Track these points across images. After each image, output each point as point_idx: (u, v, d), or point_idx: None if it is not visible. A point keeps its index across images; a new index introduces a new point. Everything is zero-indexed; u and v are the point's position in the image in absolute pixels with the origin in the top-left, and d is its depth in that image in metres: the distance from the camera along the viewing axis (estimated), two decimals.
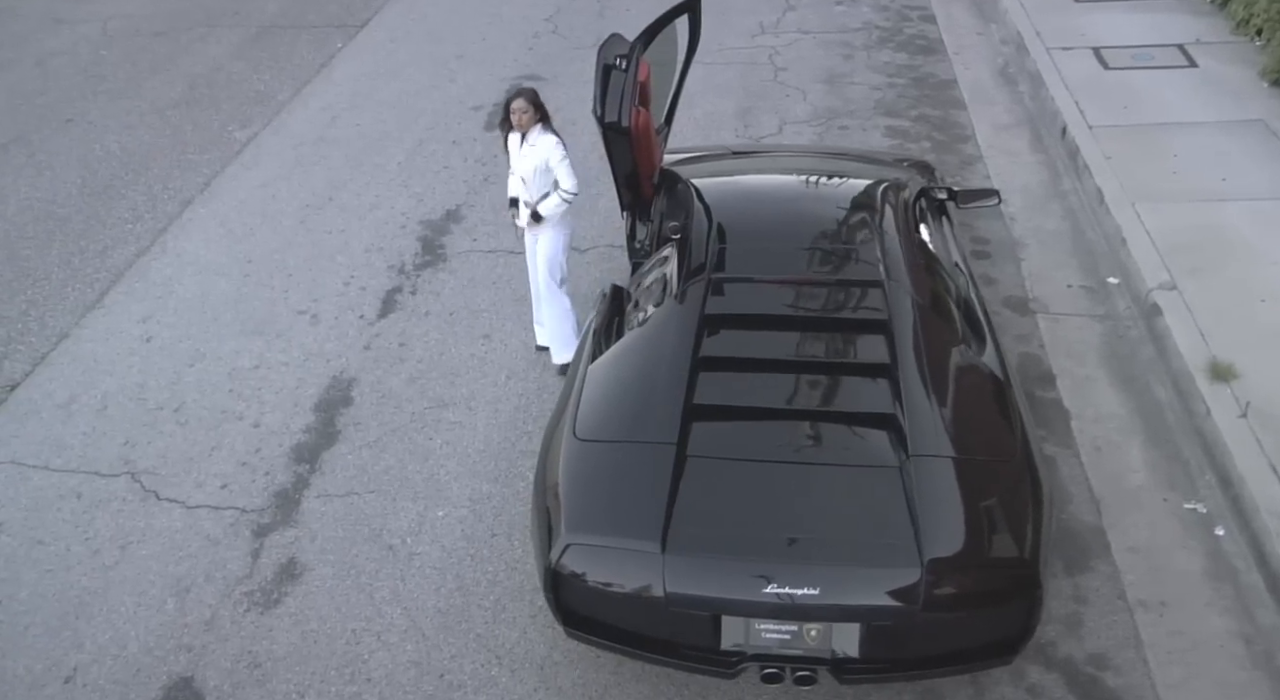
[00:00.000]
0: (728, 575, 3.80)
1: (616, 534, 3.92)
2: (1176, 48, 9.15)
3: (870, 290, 4.71)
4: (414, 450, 5.60)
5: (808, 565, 3.77)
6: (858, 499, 3.96)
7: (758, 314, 4.70)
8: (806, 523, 3.89)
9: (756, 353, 4.53)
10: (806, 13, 10.85)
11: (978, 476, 4.06)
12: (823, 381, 4.44)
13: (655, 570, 3.80)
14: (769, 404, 4.34)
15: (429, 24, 11.18)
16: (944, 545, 3.78)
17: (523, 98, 5.50)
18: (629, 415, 4.32)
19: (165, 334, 6.59)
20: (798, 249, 5.10)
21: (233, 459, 5.61)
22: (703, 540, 3.86)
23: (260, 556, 5.03)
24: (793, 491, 3.99)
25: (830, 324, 4.66)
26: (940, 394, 4.29)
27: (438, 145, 8.65)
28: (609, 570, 3.92)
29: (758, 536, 3.85)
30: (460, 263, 7.13)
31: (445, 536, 5.08)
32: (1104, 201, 7.17)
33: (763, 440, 4.22)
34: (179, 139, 8.98)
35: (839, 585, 3.75)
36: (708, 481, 4.04)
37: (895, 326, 4.48)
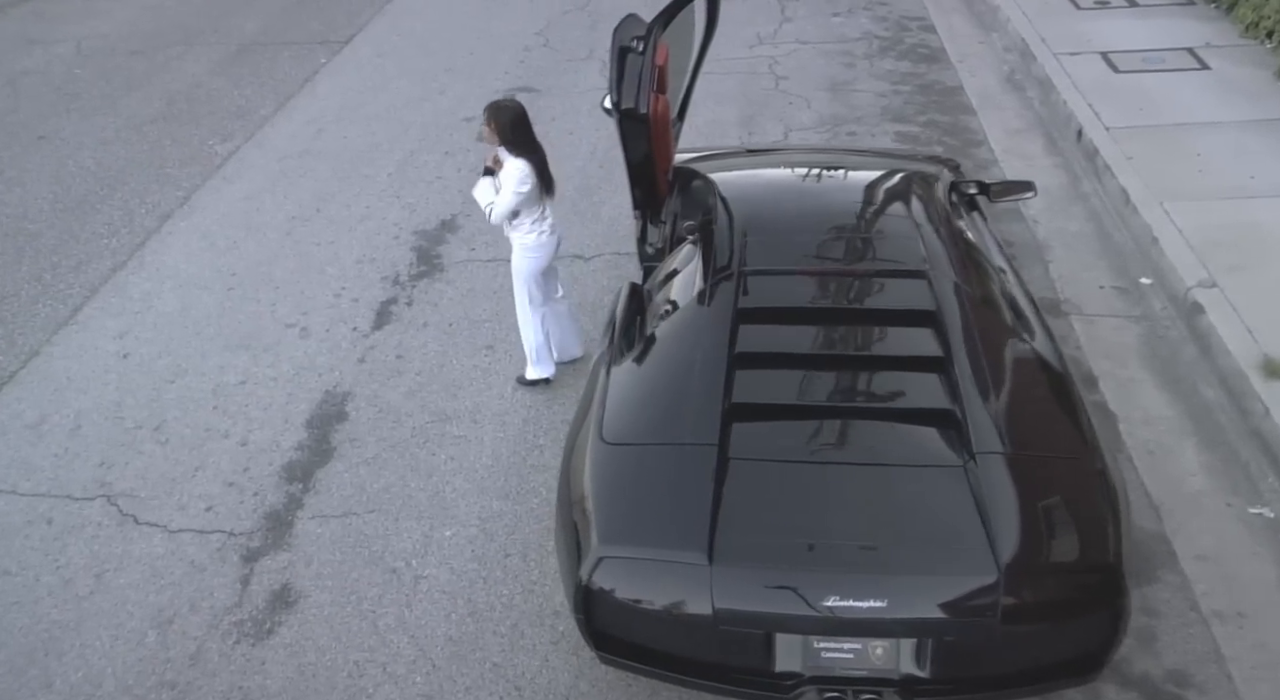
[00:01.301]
0: (783, 588, 3.39)
1: (656, 545, 3.51)
2: (1186, 51, 8.94)
3: (914, 281, 4.35)
4: (416, 467, 5.17)
5: (873, 575, 3.37)
6: (920, 502, 3.57)
7: (793, 307, 4.33)
8: (866, 528, 3.50)
9: (794, 348, 4.16)
10: (804, 24, 10.61)
11: (1049, 474, 3.69)
12: (870, 377, 4.07)
13: (701, 584, 3.39)
14: (812, 402, 3.97)
15: (415, 39, 10.87)
16: (1020, 549, 3.39)
17: (485, 111, 5.08)
18: (662, 416, 3.93)
19: (143, 350, 6.15)
20: (830, 241, 4.75)
21: (218, 479, 5.16)
22: (753, 549, 3.45)
23: (250, 583, 4.58)
24: (846, 495, 3.60)
25: (873, 316, 4.30)
26: (1000, 388, 3.93)
27: (429, 156, 8.29)
28: (648, 585, 3.51)
29: (814, 544, 3.45)
30: (458, 273, 6.74)
31: (454, 558, 4.65)
32: (1129, 202, 6.88)
33: (809, 440, 3.84)
34: (157, 154, 8.58)
35: (908, 596, 3.35)
36: (753, 485, 3.64)
37: (944, 317, 4.12)
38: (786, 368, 4.09)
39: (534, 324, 5.45)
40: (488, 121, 4.97)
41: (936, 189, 5.18)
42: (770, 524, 3.52)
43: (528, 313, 5.41)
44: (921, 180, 5.30)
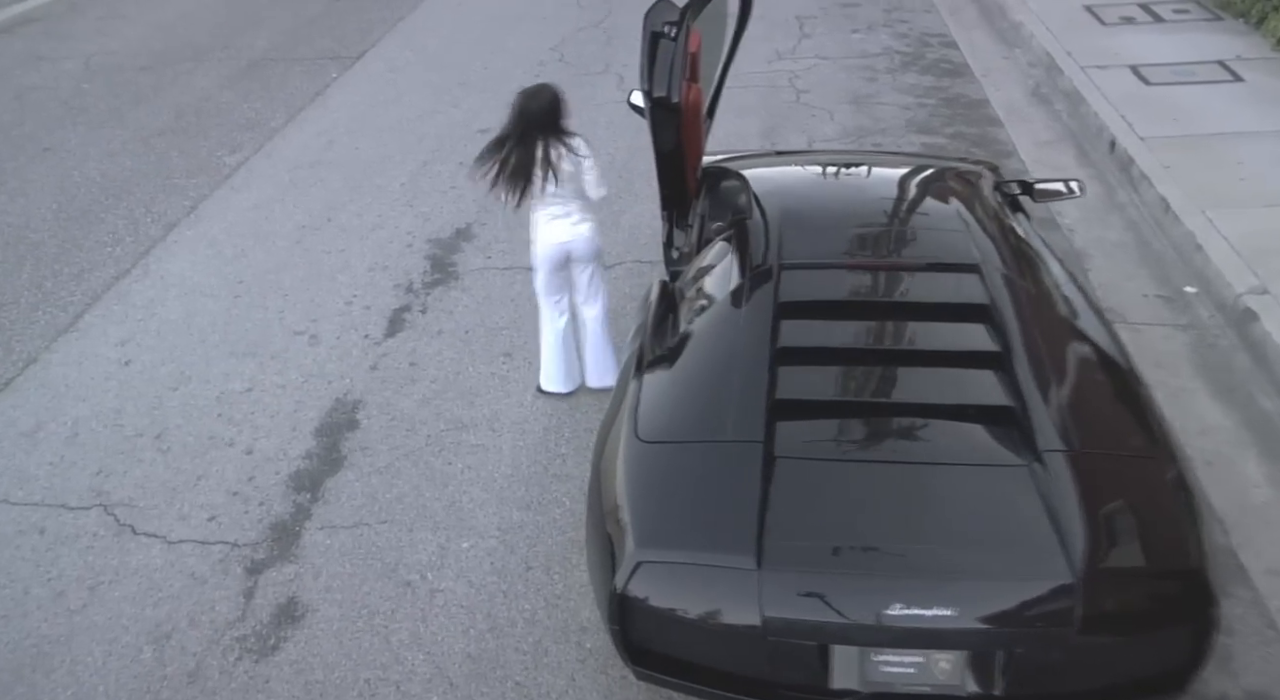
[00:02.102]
0: (839, 594, 3.10)
1: (699, 548, 3.22)
2: (1217, 64, 8.74)
3: (965, 275, 4.08)
4: (431, 476, 4.89)
5: (939, 580, 3.07)
6: (983, 503, 3.28)
7: (837, 301, 4.07)
8: (927, 531, 3.21)
9: (839, 343, 3.89)
10: (823, 40, 10.44)
11: (1120, 473, 3.40)
12: (922, 374, 3.78)
13: (749, 591, 3.09)
14: (861, 398, 3.70)
15: (428, 55, 10.71)
16: (1096, 553, 3.09)
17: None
18: (702, 413, 3.65)
19: (146, 357, 5.89)
20: (872, 235, 4.51)
21: (222, 488, 4.88)
22: (806, 553, 3.16)
23: (254, 596, 4.28)
24: (903, 496, 3.31)
25: (923, 311, 4.02)
26: (1062, 384, 3.65)
27: (443, 166, 8.07)
28: (690, 593, 3.21)
29: (872, 548, 3.16)
30: (474, 280, 6.49)
31: (472, 570, 4.35)
32: (1169, 210, 6.63)
33: (859, 438, 3.56)
34: (164, 165, 8.37)
35: (977, 604, 3.06)
36: (803, 485, 3.36)
37: (999, 312, 3.85)
38: (831, 363, 3.82)
39: (543, 326, 5.24)
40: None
41: (982, 185, 4.93)
42: (822, 526, 3.24)
43: (540, 310, 5.22)
44: (965, 177, 5.07)
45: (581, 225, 5.08)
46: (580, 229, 5.09)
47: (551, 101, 4.79)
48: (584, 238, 5.10)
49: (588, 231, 5.09)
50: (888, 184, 5.01)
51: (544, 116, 4.78)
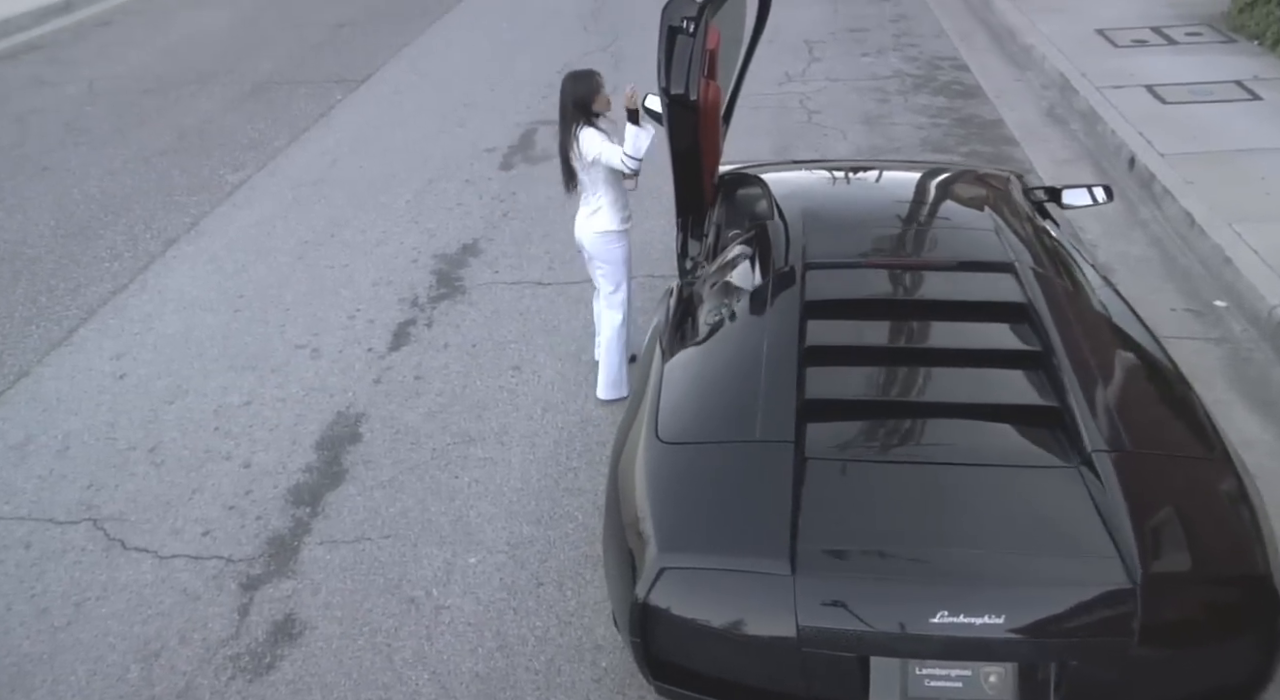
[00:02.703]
0: (879, 602, 2.87)
1: (727, 553, 2.99)
2: (1234, 83, 8.62)
3: (1000, 274, 3.90)
4: (437, 490, 4.67)
5: (987, 587, 2.85)
6: (1030, 505, 3.07)
7: (866, 299, 3.88)
8: (972, 534, 2.99)
9: (869, 342, 3.69)
10: (832, 63, 10.34)
11: (1174, 474, 3.19)
12: (958, 373, 3.57)
13: (782, 598, 2.86)
14: (895, 397, 3.49)
15: (434, 78, 10.61)
16: (1155, 558, 2.87)
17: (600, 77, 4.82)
18: (727, 413, 3.44)
19: (141, 371, 5.69)
20: (900, 235, 4.33)
21: (218, 502, 4.66)
22: (843, 558, 2.95)
23: (250, 613, 4.04)
24: (944, 498, 3.10)
25: (957, 310, 3.82)
26: (1108, 383, 3.45)
27: (449, 184, 7.92)
28: (718, 601, 2.98)
29: (913, 552, 2.94)
30: (481, 295, 6.30)
31: (480, 587, 4.12)
32: (1194, 224, 6.46)
33: (895, 439, 3.35)
34: (165, 183, 8.22)
35: (1029, 611, 2.83)
36: (837, 486, 3.15)
37: (1038, 310, 3.66)
38: (861, 363, 3.62)
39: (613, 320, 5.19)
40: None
41: (1011, 189, 4.76)
42: (859, 529, 3.02)
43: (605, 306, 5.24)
44: (991, 181, 4.90)
45: (593, 219, 4.93)
46: (591, 223, 4.94)
47: (576, 87, 4.71)
48: (592, 233, 4.95)
49: (598, 226, 4.93)
50: (912, 187, 4.84)
51: (570, 102, 4.69)
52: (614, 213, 4.91)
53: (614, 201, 4.90)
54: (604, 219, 4.93)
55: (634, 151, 4.61)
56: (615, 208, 4.91)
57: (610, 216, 4.92)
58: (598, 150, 4.69)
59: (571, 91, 4.70)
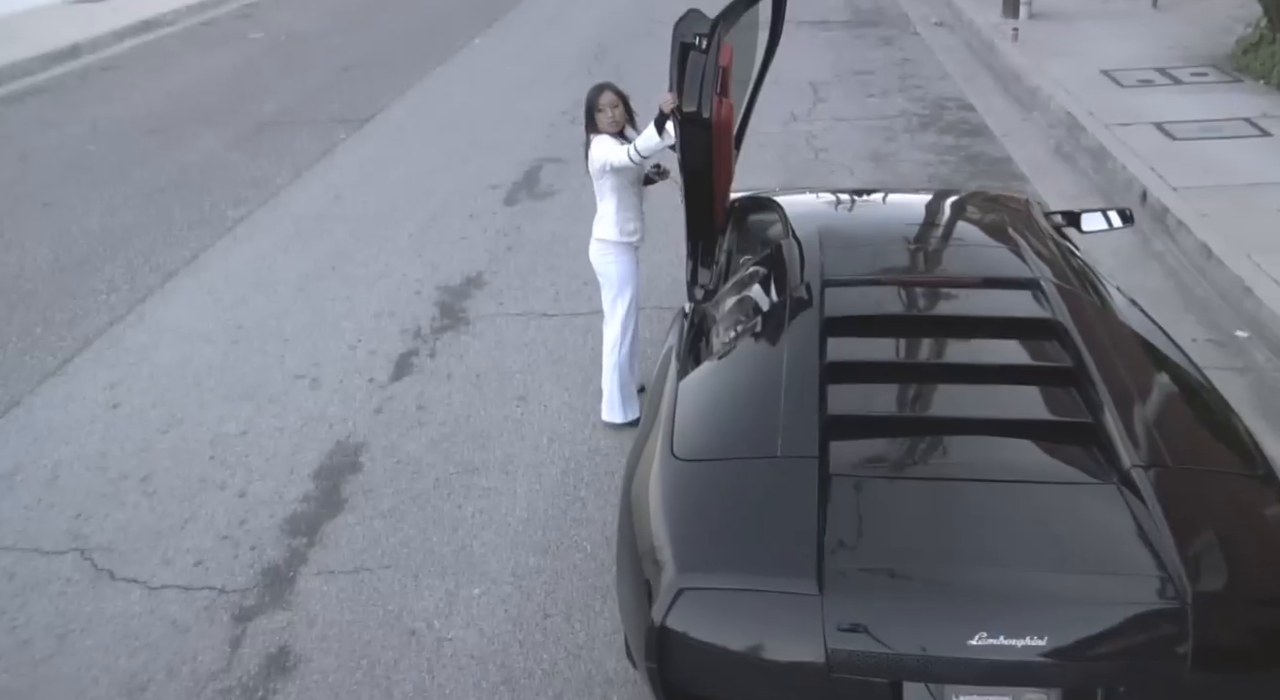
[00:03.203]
0: (913, 623, 2.69)
1: (750, 572, 2.82)
2: (1243, 121, 8.58)
3: (1025, 290, 3.77)
4: (439, 520, 4.49)
5: (1028, 607, 2.67)
6: (1068, 523, 2.91)
7: (888, 315, 3.74)
8: (1009, 553, 2.82)
9: (893, 358, 3.56)
10: (838, 104, 10.32)
11: (1221, 491, 3.02)
12: (987, 390, 3.42)
13: (809, 620, 2.68)
14: (921, 413, 3.34)
15: (438, 118, 10.59)
16: (1207, 577, 2.70)
17: (610, 91, 4.67)
18: (746, 429, 3.29)
19: (135, 400, 5.54)
20: (920, 253, 4.21)
21: (211, 532, 4.48)
22: (874, 576, 2.77)
23: (242, 645, 3.85)
24: (978, 516, 2.93)
25: (983, 325, 3.68)
26: (1143, 400, 3.30)
27: (453, 219, 7.83)
28: (740, 624, 2.79)
29: (948, 571, 2.77)
30: (486, 326, 6.17)
31: (484, 618, 3.93)
32: (1211, 256, 6.36)
33: (923, 455, 3.19)
34: (165, 218, 8.13)
35: (1074, 632, 2.65)
36: (864, 504, 2.99)
37: (1066, 326, 3.52)
38: (884, 380, 3.47)
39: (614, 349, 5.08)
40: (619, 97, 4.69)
41: (1030, 210, 4.65)
42: (889, 547, 2.85)
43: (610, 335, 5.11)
44: (1009, 203, 4.79)
45: (595, 226, 4.92)
46: (593, 231, 4.91)
47: (590, 96, 4.70)
48: (592, 241, 4.93)
49: (596, 233, 4.92)
50: (928, 209, 4.74)
51: (586, 111, 4.68)
52: (617, 222, 4.83)
53: (617, 210, 4.81)
54: (603, 226, 4.87)
55: (644, 147, 4.49)
56: (618, 216, 4.82)
57: (610, 225, 4.84)
58: (603, 156, 4.64)
59: (587, 101, 4.72)
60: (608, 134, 4.65)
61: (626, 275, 4.93)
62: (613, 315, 4.97)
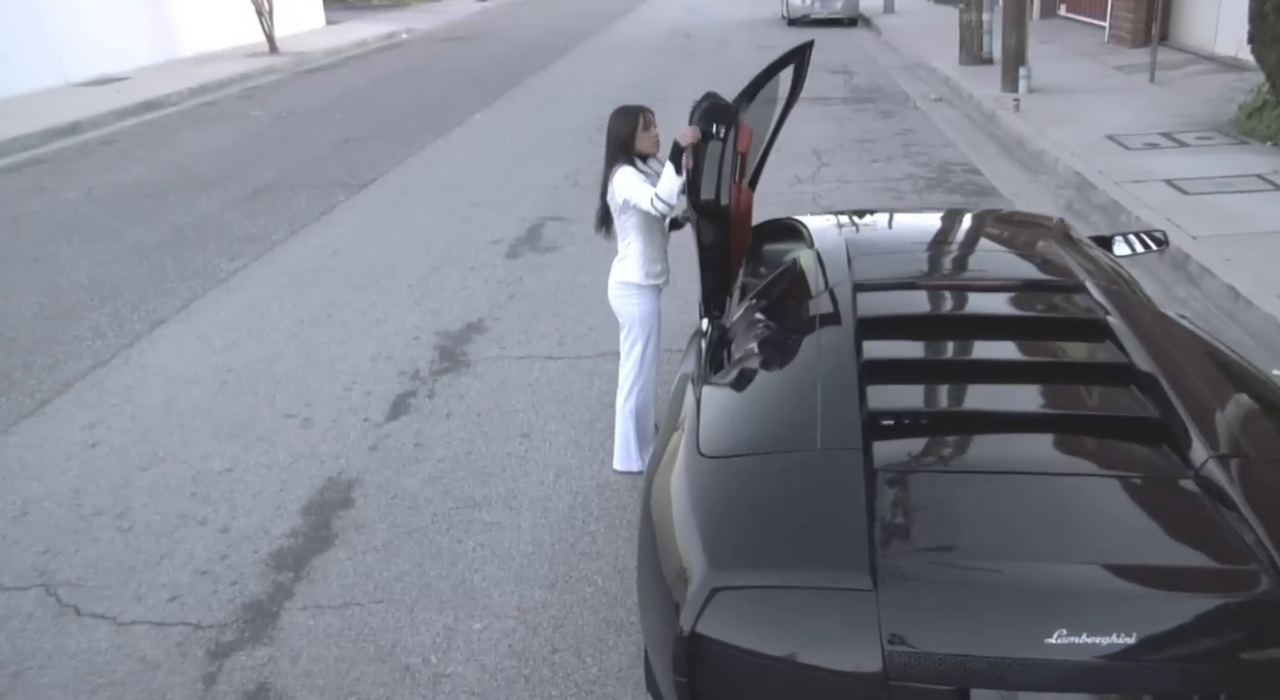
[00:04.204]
0: (982, 620, 2.36)
1: (792, 568, 2.50)
2: (1255, 177, 8.48)
3: (1071, 292, 3.53)
4: (437, 554, 4.15)
5: (1112, 600, 2.35)
6: (1144, 516, 2.62)
7: (924, 315, 3.49)
8: (1084, 547, 2.51)
9: (934, 356, 3.29)
10: (843, 167, 10.24)
11: None
12: (1039, 389, 3.15)
13: (863, 619, 2.35)
14: (971, 409, 3.06)
15: (439, 182, 10.48)
16: None
17: (648, 111, 4.43)
18: (779, 425, 3.00)
19: (115, 439, 5.22)
20: (954, 258, 3.98)
21: (189, 567, 4.12)
22: (935, 570, 2.45)
23: (217, 682, 3.47)
24: (1044, 510, 2.63)
25: (1029, 326, 3.43)
26: (1208, 394, 3.04)
27: (454, 270, 7.62)
28: (782, 627, 2.45)
29: (1017, 564, 2.45)
30: (487, 368, 5.89)
31: (485, 653, 3.56)
32: (1240, 298, 6.15)
33: (975, 451, 2.89)
34: (157, 272, 7.91)
35: (1165, 629, 2.32)
36: (917, 499, 2.69)
37: (1117, 326, 3.26)
38: (926, 380, 3.20)
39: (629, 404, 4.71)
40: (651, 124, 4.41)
41: (1066, 228, 4.44)
42: (949, 542, 2.54)
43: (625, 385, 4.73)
44: (1042, 222, 4.59)
45: (618, 268, 4.56)
46: (615, 272, 4.57)
47: (619, 123, 4.36)
48: (614, 283, 4.57)
49: (620, 275, 4.54)
50: (958, 222, 4.53)
51: (612, 139, 4.36)
52: (641, 264, 4.50)
53: (643, 252, 4.48)
54: (628, 269, 4.53)
55: (665, 194, 4.18)
56: (644, 259, 4.49)
57: (635, 267, 4.51)
58: (628, 191, 4.31)
59: (615, 128, 4.35)
60: (640, 158, 4.38)
61: (648, 316, 4.57)
62: (628, 357, 4.64)
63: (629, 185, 4.29)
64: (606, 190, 4.40)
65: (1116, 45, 16.17)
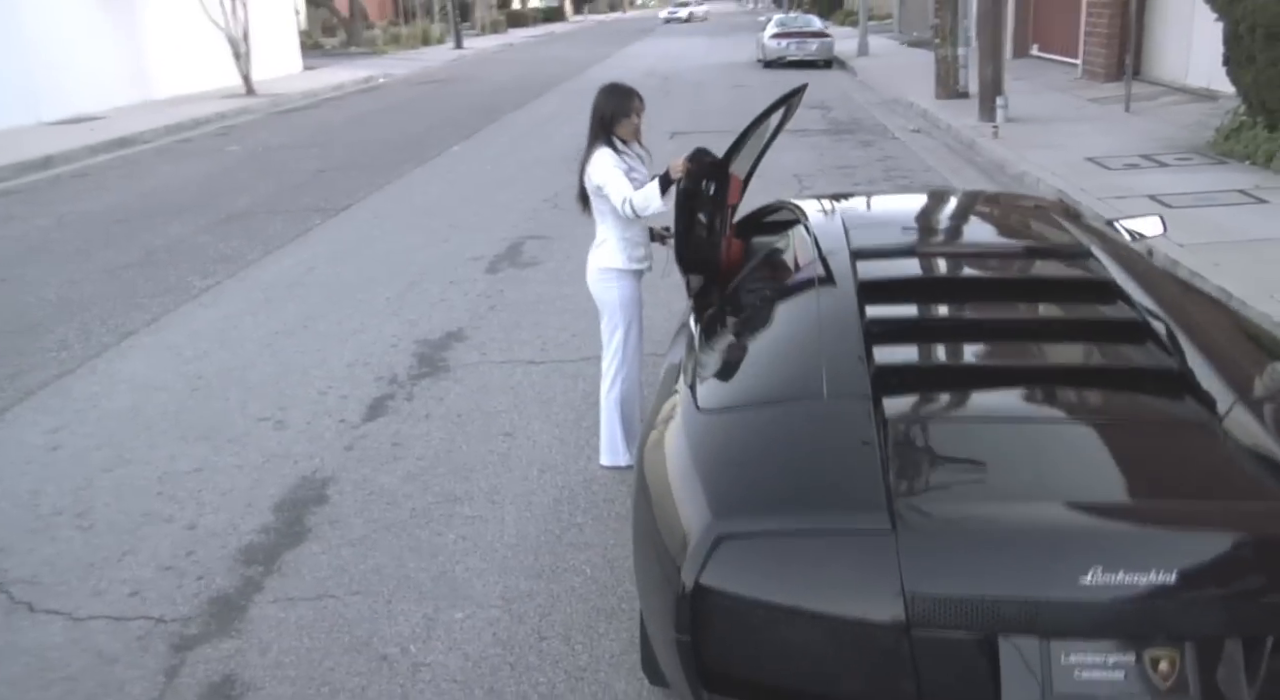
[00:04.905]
0: (1010, 559, 2.19)
1: (803, 511, 2.33)
2: (1237, 192, 8.49)
3: (1078, 258, 3.41)
4: (416, 547, 3.93)
5: (1150, 537, 2.20)
6: (1175, 459, 2.48)
7: (927, 279, 3.36)
8: (1114, 485, 2.38)
9: (939, 316, 3.16)
10: (824, 190, 10.19)
11: None
12: (1049, 347, 3.01)
13: (882, 563, 2.17)
14: (982, 363, 2.91)
15: (417, 206, 10.36)
16: None
17: (640, 98, 4.30)
18: (781, 378, 2.86)
19: (78, 443, 4.99)
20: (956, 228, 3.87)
21: (152, 563, 3.89)
22: (957, 509, 2.29)
23: (179, 675, 3.23)
24: (1072, 455, 2.49)
25: (1034, 288, 3.31)
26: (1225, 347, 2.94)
27: (432, 285, 7.45)
28: (793, 575, 2.27)
29: (1044, 503, 2.29)
30: (468, 373, 5.71)
31: (468, 642, 3.35)
32: (1233, 298, 6.07)
33: (989, 401, 2.74)
34: (128, 289, 7.69)
35: (1208, 565, 2.16)
36: (933, 443, 2.55)
37: (1125, 288, 3.14)
38: (932, 340, 3.06)
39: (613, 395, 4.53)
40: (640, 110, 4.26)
41: (1065, 204, 4.35)
42: (970, 483, 2.38)
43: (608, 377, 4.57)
44: (1041, 203, 4.50)
45: (596, 252, 4.41)
46: (594, 258, 4.42)
47: (606, 101, 4.21)
48: (593, 268, 4.42)
49: (599, 261, 4.39)
50: (954, 200, 4.43)
51: (596, 117, 4.21)
52: (621, 248, 4.36)
53: (622, 237, 4.34)
54: (607, 254, 4.39)
55: (640, 206, 4.07)
56: (624, 243, 4.35)
57: (615, 253, 4.37)
58: (603, 179, 4.18)
59: (600, 105, 4.22)
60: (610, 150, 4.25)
61: (629, 301, 4.41)
62: (610, 344, 4.48)
63: (605, 172, 4.15)
64: (584, 170, 4.26)
65: (1090, 80, 16.36)
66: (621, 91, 4.29)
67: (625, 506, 4.14)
